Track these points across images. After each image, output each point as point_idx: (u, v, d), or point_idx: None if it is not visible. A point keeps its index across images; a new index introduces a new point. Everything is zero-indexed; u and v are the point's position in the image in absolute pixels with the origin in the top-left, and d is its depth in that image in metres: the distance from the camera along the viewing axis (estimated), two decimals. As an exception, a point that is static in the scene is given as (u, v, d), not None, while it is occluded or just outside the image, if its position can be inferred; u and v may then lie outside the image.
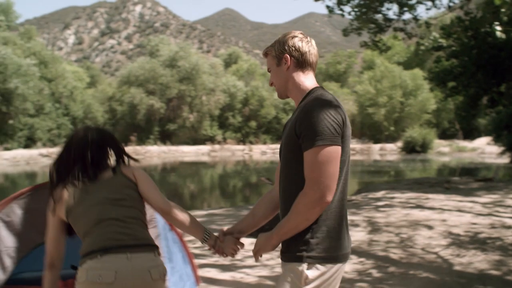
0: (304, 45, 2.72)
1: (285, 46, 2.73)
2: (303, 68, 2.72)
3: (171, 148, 44.07)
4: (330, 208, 2.46)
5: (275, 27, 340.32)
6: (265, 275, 6.22)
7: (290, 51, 2.71)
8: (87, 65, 68.10)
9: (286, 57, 2.70)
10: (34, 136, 40.16)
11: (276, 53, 2.76)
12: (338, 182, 2.47)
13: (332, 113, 2.46)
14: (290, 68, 2.71)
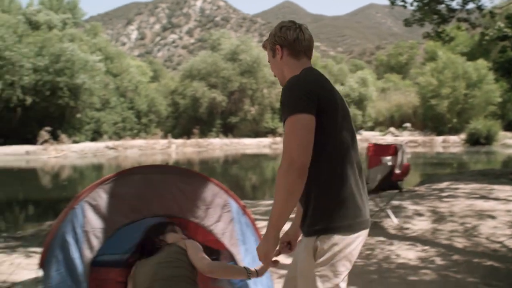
0: (291, 33, 2.86)
1: (275, 37, 2.90)
2: (296, 56, 2.87)
3: (233, 140, 44.36)
4: (332, 180, 2.59)
5: (335, 19, 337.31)
6: (331, 261, 6.34)
7: (280, 41, 2.87)
8: (150, 60, 69.14)
9: (278, 47, 2.87)
10: (101, 129, 41.17)
11: (270, 45, 2.94)
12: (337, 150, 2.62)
13: (297, 88, 2.63)
14: (284, 57, 2.87)
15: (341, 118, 2.70)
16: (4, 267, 6.40)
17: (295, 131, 2.55)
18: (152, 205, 4.01)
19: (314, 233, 2.59)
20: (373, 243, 7.23)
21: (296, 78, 2.69)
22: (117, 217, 3.94)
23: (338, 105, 2.72)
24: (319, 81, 2.73)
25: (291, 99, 2.61)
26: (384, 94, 65.49)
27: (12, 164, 26.40)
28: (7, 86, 32.59)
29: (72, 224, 3.90)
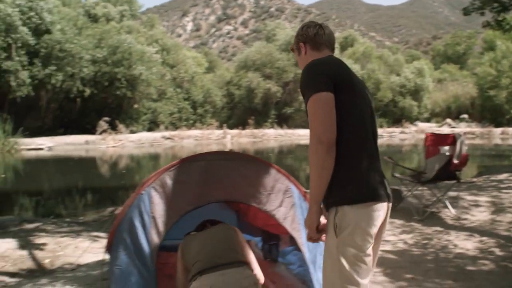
0: (311, 30, 3.16)
1: (298, 36, 3.21)
2: (318, 48, 3.13)
3: (288, 131, 44.34)
4: (348, 155, 2.75)
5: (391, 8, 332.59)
6: (388, 250, 6.40)
7: (303, 38, 3.17)
8: (205, 51, 69.61)
9: (301, 45, 3.18)
10: (157, 119, 41.76)
11: (295, 45, 3.24)
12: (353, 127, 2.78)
13: (314, 68, 2.85)
14: (308, 53, 3.15)
15: (360, 98, 2.87)
16: (69, 250, 6.64)
17: (317, 110, 2.72)
18: (215, 191, 4.11)
19: (329, 205, 2.77)
20: (430, 232, 7.22)
21: (312, 61, 2.92)
22: (182, 203, 4.06)
23: (354, 85, 2.88)
24: (335, 63, 2.92)
25: (310, 80, 2.81)
26: (440, 85, 64.35)
27: (72, 153, 27.06)
28: (67, 78, 33.38)
29: (139, 209, 4.04)
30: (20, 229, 8.20)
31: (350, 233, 2.69)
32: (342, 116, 2.76)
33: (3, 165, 22.45)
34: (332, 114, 2.72)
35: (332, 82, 2.77)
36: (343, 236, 2.70)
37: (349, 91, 2.83)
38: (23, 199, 13.90)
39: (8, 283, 5.42)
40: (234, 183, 4.16)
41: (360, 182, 2.75)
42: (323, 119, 2.70)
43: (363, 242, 2.71)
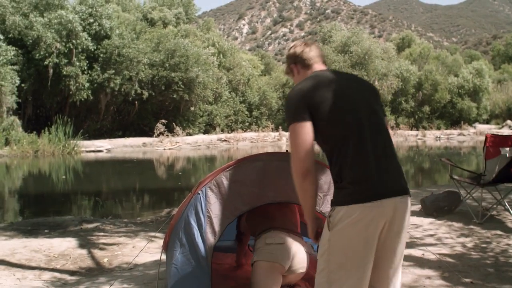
0: (298, 49, 3.28)
1: (288, 59, 3.34)
2: (308, 66, 3.23)
3: (343, 133, 44.07)
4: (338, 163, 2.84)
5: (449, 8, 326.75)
6: (446, 253, 6.29)
7: (292, 60, 3.30)
8: (262, 54, 69.79)
9: (292, 66, 3.31)
10: (213, 122, 42.12)
11: (288, 69, 3.36)
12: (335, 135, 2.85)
13: (290, 98, 2.97)
14: (300, 72, 3.26)
15: (342, 111, 2.89)
16: (127, 250, 6.76)
17: (294, 139, 2.87)
18: (271, 191, 4.12)
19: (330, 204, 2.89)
20: (490, 236, 7.06)
21: (291, 90, 3.02)
22: (238, 204, 4.08)
23: (337, 96, 2.91)
24: (313, 84, 2.96)
25: (288, 110, 2.94)
26: (500, 86, 62.88)
27: (131, 156, 27.54)
28: (126, 81, 34.02)
29: (195, 209, 4.08)
30: (79, 228, 8.41)
31: (342, 228, 2.76)
32: (328, 131, 2.88)
33: (64, 166, 23.03)
34: (308, 142, 2.85)
35: (308, 106, 2.87)
36: (335, 230, 2.78)
37: (330, 108, 2.87)
38: (82, 199, 14.24)
39: (68, 281, 5.56)
40: (290, 183, 4.14)
41: (354, 186, 2.78)
42: (299, 148, 2.84)
43: (354, 238, 2.77)
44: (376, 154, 2.87)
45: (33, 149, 26.10)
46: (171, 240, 4.44)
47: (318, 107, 2.86)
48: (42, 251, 6.69)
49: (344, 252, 2.80)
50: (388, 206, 2.80)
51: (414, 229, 7.49)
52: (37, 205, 13.31)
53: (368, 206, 2.74)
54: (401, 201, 2.87)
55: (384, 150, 2.93)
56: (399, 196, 2.86)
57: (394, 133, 45.32)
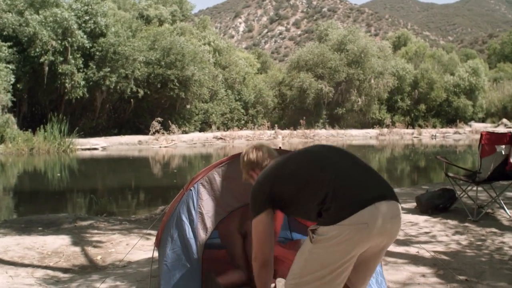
0: (252, 156, 3.58)
1: (246, 167, 3.61)
2: (261, 166, 3.51)
3: (339, 131, 44.08)
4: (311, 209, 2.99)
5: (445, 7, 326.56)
6: (441, 251, 6.28)
7: (250, 167, 3.58)
8: (259, 52, 69.77)
9: (251, 173, 3.58)
10: (209, 120, 42.06)
11: (247, 175, 3.62)
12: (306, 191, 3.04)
13: (252, 194, 3.25)
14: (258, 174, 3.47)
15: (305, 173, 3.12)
16: (120, 247, 6.74)
17: (255, 233, 3.18)
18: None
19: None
20: (485, 234, 7.06)
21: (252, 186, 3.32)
22: (230, 200, 4.06)
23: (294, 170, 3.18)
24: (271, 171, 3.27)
25: (251, 203, 3.23)
26: (496, 84, 62.99)
27: (126, 153, 27.50)
28: (121, 79, 33.93)
29: (187, 205, 4.06)
30: (73, 226, 8.37)
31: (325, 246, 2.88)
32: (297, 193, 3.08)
33: (59, 164, 22.98)
34: (268, 233, 3.17)
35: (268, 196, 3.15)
36: (316, 244, 2.90)
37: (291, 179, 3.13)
38: (77, 197, 14.21)
39: (61, 278, 5.52)
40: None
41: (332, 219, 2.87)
42: (260, 241, 3.16)
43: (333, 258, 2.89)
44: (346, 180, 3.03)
45: (28, 147, 26.02)
46: (163, 236, 4.42)
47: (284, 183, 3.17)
48: (35, 248, 6.66)
49: (321, 264, 2.90)
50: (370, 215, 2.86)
51: (409, 227, 7.48)
52: (32, 203, 13.28)
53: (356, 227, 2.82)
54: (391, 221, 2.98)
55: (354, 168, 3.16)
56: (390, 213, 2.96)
57: (390, 131, 45.42)
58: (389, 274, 5.28)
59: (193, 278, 3.75)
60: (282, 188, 3.14)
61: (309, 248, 2.93)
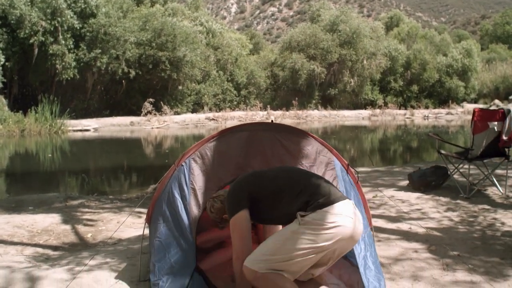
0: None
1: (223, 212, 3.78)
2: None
3: (332, 112, 44.11)
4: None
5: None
6: (433, 227, 6.28)
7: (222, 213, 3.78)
8: (252, 33, 69.38)
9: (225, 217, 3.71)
10: (201, 101, 41.86)
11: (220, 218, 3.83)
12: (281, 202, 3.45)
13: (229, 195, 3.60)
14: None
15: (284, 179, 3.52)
16: (111, 225, 6.70)
17: (236, 230, 3.43)
18: (256, 162, 4.03)
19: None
20: (477, 210, 7.05)
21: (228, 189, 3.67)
22: (222, 175, 4.00)
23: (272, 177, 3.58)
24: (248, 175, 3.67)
25: (227, 205, 3.52)
26: (488, 65, 63.01)
27: (118, 134, 27.42)
28: (112, 60, 33.68)
29: (179, 181, 4.01)
30: (64, 205, 8.32)
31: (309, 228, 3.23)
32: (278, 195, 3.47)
33: (50, 145, 22.88)
34: (247, 229, 3.43)
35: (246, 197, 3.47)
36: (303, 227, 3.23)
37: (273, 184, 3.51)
38: (69, 178, 14.14)
39: (50, 255, 5.48)
40: (275, 154, 4.06)
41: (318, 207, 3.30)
42: (239, 237, 3.41)
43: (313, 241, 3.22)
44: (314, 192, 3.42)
45: (20, 128, 25.87)
46: (154, 213, 4.36)
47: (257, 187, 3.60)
48: (25, 226, 6.60)
49: (300, 246, 3.19)
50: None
51: (401, 204, 7.48)
52: (23, 183, 13.21)
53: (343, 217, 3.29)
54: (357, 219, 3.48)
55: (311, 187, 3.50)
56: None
57: (382, 112, 45.43)
58: (381, 250, 5.27)
59: (187, 254, 3.70)
60: (260, 191, 3.49)
61: (295, 229, 3.22)
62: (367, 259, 3.84)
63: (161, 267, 3.75)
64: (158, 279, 3.70)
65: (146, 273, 4.38)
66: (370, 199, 7.78)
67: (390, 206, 7.39)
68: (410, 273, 4.65)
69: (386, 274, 4.55)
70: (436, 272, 4.65)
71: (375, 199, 7.89)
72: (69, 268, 4.62)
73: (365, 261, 3.78)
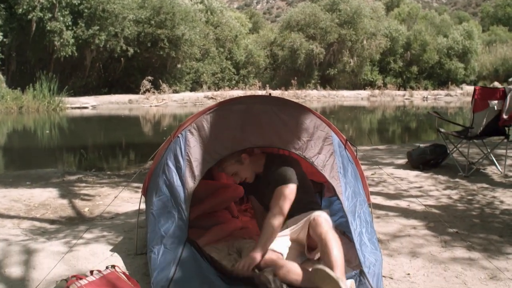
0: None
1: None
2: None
3: (331, 92, 43.97)
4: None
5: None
6: (432, 204, 6.27)
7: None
8: (251, 12, 68.97)
9: (243, 155, 4.05)
10: (200, 79, 41.65)
11: (235, 159, 4.03)
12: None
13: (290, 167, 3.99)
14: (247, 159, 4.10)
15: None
16: (109, 200, 6.68)
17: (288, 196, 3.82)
18: (253, 135, 3.96)
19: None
20: (476, 189, 7.04)
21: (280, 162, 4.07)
22: (218, 148, 3.93)
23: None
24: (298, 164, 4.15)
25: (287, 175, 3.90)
26: (489, 47, 62.71)
27: (116, 112, 27.35)
28: (111, 37, 33.42)
29: (175, 153, 3.95)
30: (62, 180, 8.30)
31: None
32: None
33: (49, 122, 22.83)
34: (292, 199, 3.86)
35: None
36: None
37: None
38: (67, 154, 14.11)
39: (47, 229, 5.47)
40: (273, 128, 4.00)
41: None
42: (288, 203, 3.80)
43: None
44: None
45: (18, 105, 25.78)
46: (150, 185, 4.33)
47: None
48: (22, 200, 6.59)
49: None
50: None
51: (400, 182, 7.45)
52: (21, 159, 13.19)
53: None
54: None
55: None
56: None
57: (381, 92, 45.31)
58: (379, 226, 5.26)
59: (181, 226, 3.66)
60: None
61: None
62: (363, 235, 3.80)
63: (153, 238, 3.72)
64: (150, 251, 3.67)
65: (143, 246, 4.37)
66: (368, 176, 7.75)
67: (389, 183, 7.38)
68: (408, 249, 4.64)
69: (384, 250, 4.54)
70: (434, 249, 4.64)
71: (374, 177, 7.87)
72: (65, 241, 4.61)
73: (360, 237, 3.75)
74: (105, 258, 4.16)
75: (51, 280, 3.67)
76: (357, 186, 4.12)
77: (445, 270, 4.12)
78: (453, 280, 3.92)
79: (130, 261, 4.18)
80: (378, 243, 3.98)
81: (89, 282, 3.13)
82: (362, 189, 4.21)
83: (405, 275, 4.03)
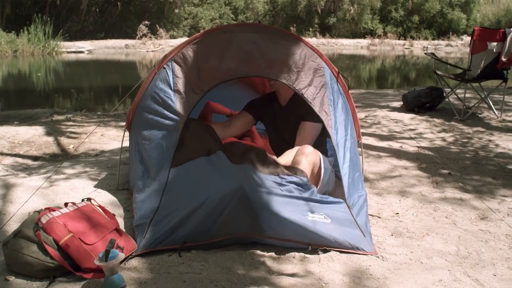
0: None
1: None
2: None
3: (330, 40, 43.55)
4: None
5: None
6: (425, 146, 6.15)
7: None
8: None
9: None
10: (198, 25, 41.12)
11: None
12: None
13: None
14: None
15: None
16: (95, 138, 6.55)
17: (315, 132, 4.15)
18: (242, 65, 3.78)
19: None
20: (471, 132, 6.91)
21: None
22: (207, 78, 3.74)
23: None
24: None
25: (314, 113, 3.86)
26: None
27: (113, 57, 27.09)
28: (107, -20, 33.00)
29: (161, 84, 3.76)
30: (50, 120, 8.15)
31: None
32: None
33: (43, 66, 22.59)
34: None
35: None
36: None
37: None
38: (59, 96, 13.93)
39: (30, 165, 5.36)
40: (262, 57, 3.82)
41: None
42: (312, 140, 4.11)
43: None
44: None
45: (12, 49, 25.43)
46: (134, 119, 4.13)
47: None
48: (6, 138, 6.46)
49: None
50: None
51: (394, 124, 7.32)
52: (13, 101, 13.05)
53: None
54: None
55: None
56: None
57: (381, 41, 44.88)
58: (369, 166, 5.15)
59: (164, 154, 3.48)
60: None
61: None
62: (349, 172, 3.68)
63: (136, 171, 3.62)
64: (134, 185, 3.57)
65: (125, 182, 4.26)
66: (362, 118, 7.63)
67: (383, 125, 7.26)
68: (399, 189, 4.54)
69: (373, 190, 4.45)
70: (425, 189, 4.54)
71: (367, 119, 7.74)
72: (46, 176, 4.50)
73: (348, 171, 3.64)
74: (86, 194, 4.05)
75: (26, 213, 3.57)
76: (347, 120, 3.98)
77: (435, 210, 4.02)
78: (443, 220, 3.82)
79: (111, 196, 4.07)
80: (362, 181, 3.90)
81: (62, 214, 3.00)
82: (352, 123, 4.08)
83: (393, 214, 3.93)
